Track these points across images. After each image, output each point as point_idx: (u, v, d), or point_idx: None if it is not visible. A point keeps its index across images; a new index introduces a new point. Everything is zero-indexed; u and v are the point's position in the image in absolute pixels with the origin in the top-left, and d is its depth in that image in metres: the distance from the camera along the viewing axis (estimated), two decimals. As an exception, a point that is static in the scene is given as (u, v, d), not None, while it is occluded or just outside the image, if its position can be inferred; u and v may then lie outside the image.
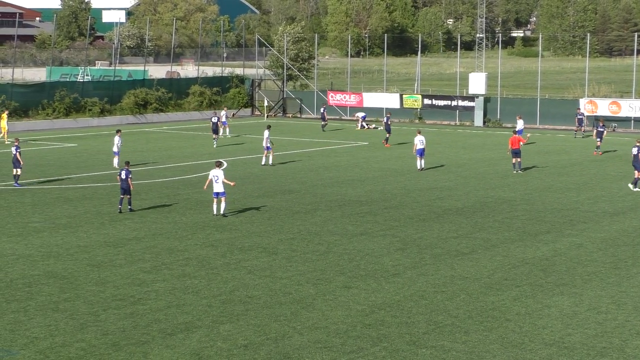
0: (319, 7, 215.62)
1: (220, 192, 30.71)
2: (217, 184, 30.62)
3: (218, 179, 30.58)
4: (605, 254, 26.17)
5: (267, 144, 44.25)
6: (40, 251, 26.09)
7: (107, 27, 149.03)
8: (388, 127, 53.97)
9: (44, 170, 42.48)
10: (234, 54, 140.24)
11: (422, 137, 42.87)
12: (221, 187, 30.67)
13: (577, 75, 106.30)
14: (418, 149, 42.43)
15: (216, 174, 30.65)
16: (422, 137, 42.72)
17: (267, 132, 44.85)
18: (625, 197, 35.83)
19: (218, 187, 30.63)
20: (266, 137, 44.42)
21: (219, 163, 31.64)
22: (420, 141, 42.44)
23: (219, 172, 30.71)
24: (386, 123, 54.22)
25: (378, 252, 26.24)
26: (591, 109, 63.23)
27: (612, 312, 20.51)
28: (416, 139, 42.70)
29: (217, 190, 30.68)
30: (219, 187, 30.64)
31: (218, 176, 30.60)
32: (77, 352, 17.66)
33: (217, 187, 30.64)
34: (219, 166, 31.19)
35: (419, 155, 42.58)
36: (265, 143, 44.32)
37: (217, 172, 30.67)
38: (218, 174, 30.63)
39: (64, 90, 67.03)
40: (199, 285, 22.49)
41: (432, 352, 17.87)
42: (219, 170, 30.75)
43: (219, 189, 30.66)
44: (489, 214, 32.05)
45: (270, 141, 44.38)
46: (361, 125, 65.08)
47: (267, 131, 44.94)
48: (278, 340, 18.46)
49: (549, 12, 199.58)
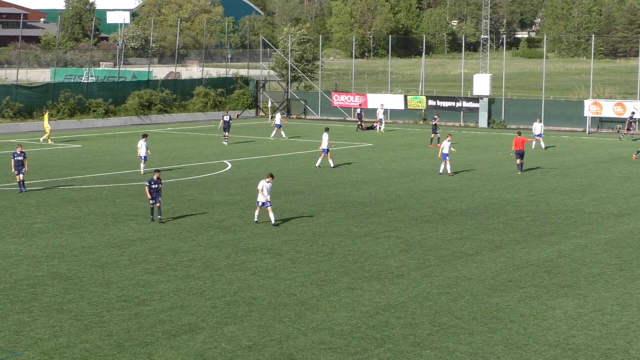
0: (323, 8, 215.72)
1: (265, 202, 29.76)
2: (260, 195, 29.78)
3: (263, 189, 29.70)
4: (609, 256, 26.13)
5: (325, 147, 44.20)
6: (44, 252, 26.12)
7: (112, 28, 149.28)
8: (434, 127, 53.85)
9: (48, 171, 42.52)
10: (239, 55, 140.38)
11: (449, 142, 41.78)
12: (263, 197, 29.79)
13: (582, 76, 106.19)
14: (443, 153, 41.56)
15: (264, 185, 29.69)
16: (447, 142, 41.68)
17: (327, 134, 44.80)
18: (629, 199, 35.77)
19: (261, 197, 29.77)
20: (325, 140, 44.43)
21: (269, 175, 30.23)
22: (447, 145, 41.52)
23: (265, 183, 29.73)
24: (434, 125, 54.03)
25: (382, 253, 26.22)
26: (596, 111, 63.15)
27: (616, 314, 20.48)
28: (444, 143, 41.93)
29: (261, 200, 29.78)
30: (261, 198, 29.76)
31: (264, 187, 29.69)
32: (81, 353, 17.67)
33: (260, 197, 29.78)
34: (271, 178, 30.02)
35: (444, 159, 41.65)
36: (324, 145, 44.24)
37: (265, 184, 29.70)
38: (266, 185, 29.70)
39: (69, 91, 67.13)
40: (203, 287, 22.49)
41: (437, 353, 17.85)
42: (265, 182, 29.76)
43: (262, 199, 29.77)
44: (494, 216, 32.03)
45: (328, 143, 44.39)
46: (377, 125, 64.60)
47: (327, 134, 44.91)
48: (282, 341, 18.46)
49: (553, 14, 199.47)
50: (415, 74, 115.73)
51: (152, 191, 30.18)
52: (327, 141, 44.19)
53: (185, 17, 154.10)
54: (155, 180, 30.34)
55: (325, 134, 44.85)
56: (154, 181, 30.34)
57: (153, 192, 30.19)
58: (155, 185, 30.26)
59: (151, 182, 30.36)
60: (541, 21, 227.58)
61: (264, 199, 29.77)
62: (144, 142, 41.60)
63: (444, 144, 41.97)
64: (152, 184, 30.26)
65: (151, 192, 30.18)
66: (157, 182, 30.38)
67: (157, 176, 30.58)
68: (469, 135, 61.87)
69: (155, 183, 30.28)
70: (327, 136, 44.57)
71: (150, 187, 30.20)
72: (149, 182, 30.43)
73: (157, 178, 30.47)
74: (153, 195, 30.21)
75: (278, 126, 58.59)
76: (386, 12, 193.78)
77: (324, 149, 44.19)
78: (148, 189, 30.27)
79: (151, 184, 30.29)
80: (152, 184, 30.28)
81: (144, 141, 41.67)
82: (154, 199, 30.27)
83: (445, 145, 41.73)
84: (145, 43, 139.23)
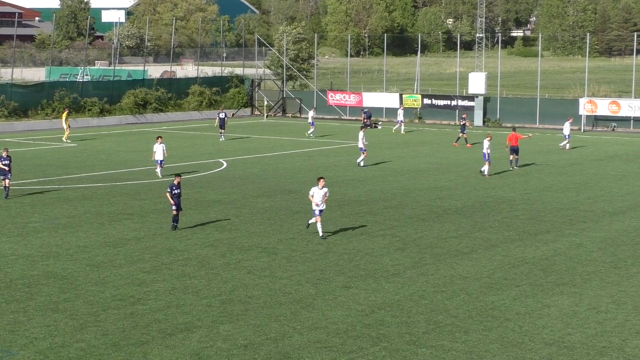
0: (318, 6, 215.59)
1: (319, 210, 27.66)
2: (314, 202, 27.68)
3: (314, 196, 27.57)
4: (605, 254, 26.17)
5: (362, 145, 44.21)
6: (39, 251, 26.08)
7: (107, 27, 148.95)
8: (463, 127, 53.65)
9: (43, 170, 42.46)
10: (234, 53, 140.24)
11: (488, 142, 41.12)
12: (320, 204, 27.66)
13: (577, 75, 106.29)
14: (483, 153, 41.03)
15: (316, 191, 27.56)
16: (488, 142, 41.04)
17: (362, 133, 44.83)
18: (624, 197, 35.82)
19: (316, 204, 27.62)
20: (361, 138, 44.40)
21: (320, 179, 27.98)
22: (486, 146, 40.89)
23: (317, 190, 27.57)
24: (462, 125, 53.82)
25: (378, 251, 26.23)
26: (591, 109, 63.25)
27: (611, 312, 20.51)
28: (485, 142, 41.16)
29: (317, 208, 27.62)
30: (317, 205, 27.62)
31: (314, 193, 27.57)
32: (76, 352, 17.65)
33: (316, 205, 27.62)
34: (322, 181, 27.78)
35: (485, 159, 40.98)
36: (361, 144, 44.25)
37: (317, 190, 27.57)
38: (318, 192, 27.55)
39: (64, 90, 67.01)
40: (198, 285, 22.48)
41: (432, 351, 17.86)
42: (317, 188, 27.59)
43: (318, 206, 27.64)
44: (489, 214, 32.05)
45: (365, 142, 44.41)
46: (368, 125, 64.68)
47: (362, 132, 44.95)
48: (278, 340, 18.45)
49: (548, 12, 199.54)
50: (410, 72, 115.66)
51: (174, 197, 28.61)
52: (362, 140, 44.24)
53: (180, 15, 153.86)
54: (176, 186, 28.74)
55: (361, 132, 44.95)
56: (175, 186, 28.73)
57: (175, 198, 28.61)
58: (177, 191, 28.68)
59: (172, 187, 28.72)
60: (536, 20, 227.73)
61: (320, 207, 27.56)
62: (159, 145, 39.62)
63: (484, 144, 41.13)
64: (173, 190, 28.65)
65: (173, 198, 28.63)
66: (178, 187, 28.84)
67: (178, 181, 28.97)
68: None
69: (176, 188, 28.69)
70: (363, 134, 44.64)
71: (172, 193, 28.61)
72: (170, 188, 28.74)
73: (178, 183, 28.88)
74: (175, 201, 28.66)
75: (312, 124, 58.71)
76: (381, 10, 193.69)
77: (361, 147, 44.26)
78: (170, 195, 28.63)
79: (172, 189, 28.66)
80: (174, 189, 28.66)
81: (159, 144, 39.67)
82: (177, 206, 28.70)
83: (486, 145, 40.86)
84: (141, 42, 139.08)
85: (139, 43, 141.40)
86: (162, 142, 40.09)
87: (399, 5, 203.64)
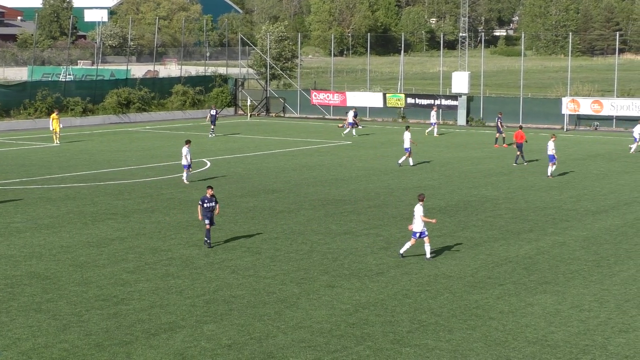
0: (302, 6, 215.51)
1: (419, 232, 25.09)
2: (416, 221, 25.12)
3: (415, 215, 25.16)
4: (587, 252, 26.29)
5: (408, 145, 44.13)
6: (22, 252, 25.95)
7: (89, 27, 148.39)
8: (499, 127, 52.97)
9: (26, 170, 42.26)
10: (217, 53, 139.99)
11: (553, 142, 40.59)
12: (420, 225, 25.07)
13: (560, 74, 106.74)
14: (549, 155, 40.50)
15: (416, 209, 25.23)
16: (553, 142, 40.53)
17: (409, 133, 44.70)
18: (607, 196, 36.00)
19: (417, 225, 25.09)
20: (408, 138, 44.32)
21: (422, 196, 25.63)
22: (551, 147, 40.38)
23: (419, 207, 25.14)
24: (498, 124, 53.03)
25: (362, 251, 26.25)
26: (573, 108, 63.51)
27: (594, 310, 20.60)
28: (549, 143, 40.67)
29: (415, 230, 25.10)
30: (417, 226, 25.08)
31: (415, 212, 25.17)
32: (60, 352, 17.58)
33: (416, 226, 25.10)
34: (421, 200, 25.42)
35: (551, 160, 40.53)
36: (408, 144, 44.16)
37: (417, 208, 25.19)
38: (417, 209, 25.16)
39: (46, 89, 66.69)
40: (182, 285, 22.43)
41: (416, 350, 17.89)
42: (418, 206, 25.19)
43: (418, 227, 25.06)
44: (473, 213, 32.14)
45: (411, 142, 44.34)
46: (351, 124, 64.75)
47: (408, 132, 44.80)
48: (262, 339, 18.44)
49: (531, 12, 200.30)
50: (394, 72, 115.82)
51: (206, 211, 26.36)
52: (409, 140, 44.20)
53: (163, 15, 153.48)
54: (208, 198, 26.40)
55: (406, 132, 44.81)
56: (208, 199, 26.44)
57: (206, 211, 26.34)
58: (209, 204, 26.46)
59: (204, 200, 26.44)
60: (519, 19, 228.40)
61: (420, 228, 25.10)
62: (188, 149, 38.15)
63: (549, 144, 40.51)
64: (204, 203, 26.42)
65: (204, 212, 26.37)
66: (211, 200, 26.47)
67: (212, 193, 26.58)
68: (447, 132, 62.00)
69: (209, 201, 26.42)
70: (409, 135, 44.54)
71: (203, 207, 26.38)
72: (201, 201, 26.50)
73: (211, 195, 26.56)
74: (207, 215, 26.34)
75: (351, 124, 58.77)
76: (365, 10, 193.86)
77: (406, 147, 44.18)
78: (201, 209, 26.44)
79: (204, 202, 26.41)
80: (206, 202, 26.42)
81: (187, 147, 38.15)
82: (210, 220, 26.41)
83: (550, 146, 40.35)
84: (124, 41, 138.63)
85: (122, 42, 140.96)
86: (189, 147, 38.43)
87: (382, 4, 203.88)
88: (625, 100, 63.80)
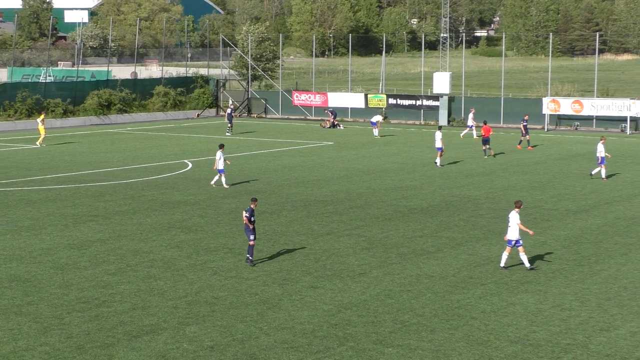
0: (283, 7, 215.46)
1: (514, 240, 24.30)
2: (510, 229, 24.32)
3: (511, 223, 24.36)
4: (568, 252, 26.41)
5: (440, 145, 44.24)
6: (2, 254, 25.79)
7: (70, 28, 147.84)
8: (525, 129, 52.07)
9: (5, 172, 42.01)
10: (199, 54, 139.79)
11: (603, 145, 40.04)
12: (516, 233, 24.25)
13: (540, 74, 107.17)
14: (597, 157, 40.05)
15: (511, 216, 24.44)
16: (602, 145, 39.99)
17: (440, 133, 44.81)
18: (588, 195, 36.17)
19: (512, 233, 24.27)
20: (440, 138, 44.40)
21: (519, 203, 24.81)
22: (600, 149, 39.88)
23: (514, 214, 24.39)
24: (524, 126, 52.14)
25: (344, 251, 26.25)
26: (554, 108, 63.80)
27: (575, 309, 20.69)
28: (599, 145, 40.08)
29: (511, 237, 24.30)
30: (513, 234, 24.26)
31: (511, 219, 24.39)
32: (41, 356, 17.48)
33: (511, 234, 24.29)
34: (518, 207, 24.63)
35: (601, 163, 40.01)
36: (439, 144, 44.26)
37: (512, 215, 24.42)
38: (512, 216, 24.39)
39: (26, 91, 66.33)
40: (164, 287, 22.36)
41: (399, 351, 17.91)
42: (514, 213, 24.42)
43: (513, 235, 24.26)
44: (454, 213, 32.21)
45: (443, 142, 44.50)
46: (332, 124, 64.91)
47: (440, 132, 44.96)
48: (244, 341, 18.41)
49: (512, 12, 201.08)
50: (375, 72, 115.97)
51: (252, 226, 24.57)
52: (440, 140, 44.33)
53: (144, 16, 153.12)
54: (253, 211, 24.76)
55: (438, 132, 44.97)
56: (252, 211, 24.67)
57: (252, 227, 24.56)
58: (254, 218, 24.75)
59: (252, 213, 24.55)
60: (500, 20, 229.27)
61: (515, 236, 24.27)
62: (221, 153, 37.44)
63: (599, 147, 40.02)
64: (252, 216, 24.51)
65: (249, 228, 24.54)
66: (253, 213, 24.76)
67: (255, 205, 25.03)
68: (429, 133, 62.08)
69: (253, 214, 24.71)
70: (441, 135, 44.70)
71: (250, 220, 24.50)
72: (249, 214, 24.50)
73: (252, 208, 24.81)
74: (253, 231, 24.54)
75: (373, 124, 58.79)
76: (346, 10, 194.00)
77: (438, 147, 44.30)
78: (249, 221, 24.47)
79: (252, 215, 24.53)
80: (252, 215, 24.60)
81: (221, 152, 37.48)
82: (254, 235, 24.63)
83: (600, 149, 39.90)
84: (104, 42, 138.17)
85: (103, 44, 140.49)
86: (223, 151, 37.85)
87: (363, 5, 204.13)
88: (605, 100, 64.17)
